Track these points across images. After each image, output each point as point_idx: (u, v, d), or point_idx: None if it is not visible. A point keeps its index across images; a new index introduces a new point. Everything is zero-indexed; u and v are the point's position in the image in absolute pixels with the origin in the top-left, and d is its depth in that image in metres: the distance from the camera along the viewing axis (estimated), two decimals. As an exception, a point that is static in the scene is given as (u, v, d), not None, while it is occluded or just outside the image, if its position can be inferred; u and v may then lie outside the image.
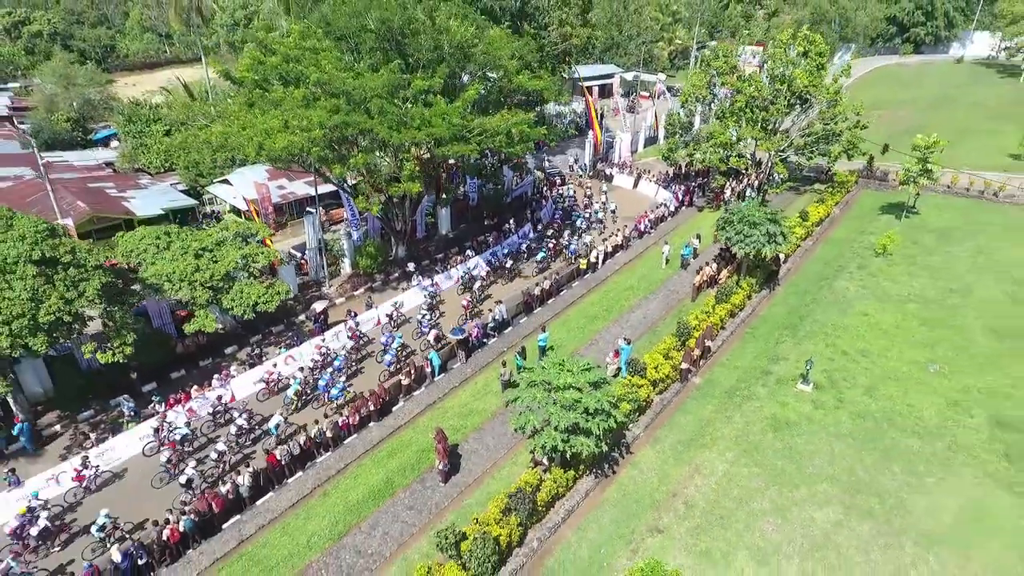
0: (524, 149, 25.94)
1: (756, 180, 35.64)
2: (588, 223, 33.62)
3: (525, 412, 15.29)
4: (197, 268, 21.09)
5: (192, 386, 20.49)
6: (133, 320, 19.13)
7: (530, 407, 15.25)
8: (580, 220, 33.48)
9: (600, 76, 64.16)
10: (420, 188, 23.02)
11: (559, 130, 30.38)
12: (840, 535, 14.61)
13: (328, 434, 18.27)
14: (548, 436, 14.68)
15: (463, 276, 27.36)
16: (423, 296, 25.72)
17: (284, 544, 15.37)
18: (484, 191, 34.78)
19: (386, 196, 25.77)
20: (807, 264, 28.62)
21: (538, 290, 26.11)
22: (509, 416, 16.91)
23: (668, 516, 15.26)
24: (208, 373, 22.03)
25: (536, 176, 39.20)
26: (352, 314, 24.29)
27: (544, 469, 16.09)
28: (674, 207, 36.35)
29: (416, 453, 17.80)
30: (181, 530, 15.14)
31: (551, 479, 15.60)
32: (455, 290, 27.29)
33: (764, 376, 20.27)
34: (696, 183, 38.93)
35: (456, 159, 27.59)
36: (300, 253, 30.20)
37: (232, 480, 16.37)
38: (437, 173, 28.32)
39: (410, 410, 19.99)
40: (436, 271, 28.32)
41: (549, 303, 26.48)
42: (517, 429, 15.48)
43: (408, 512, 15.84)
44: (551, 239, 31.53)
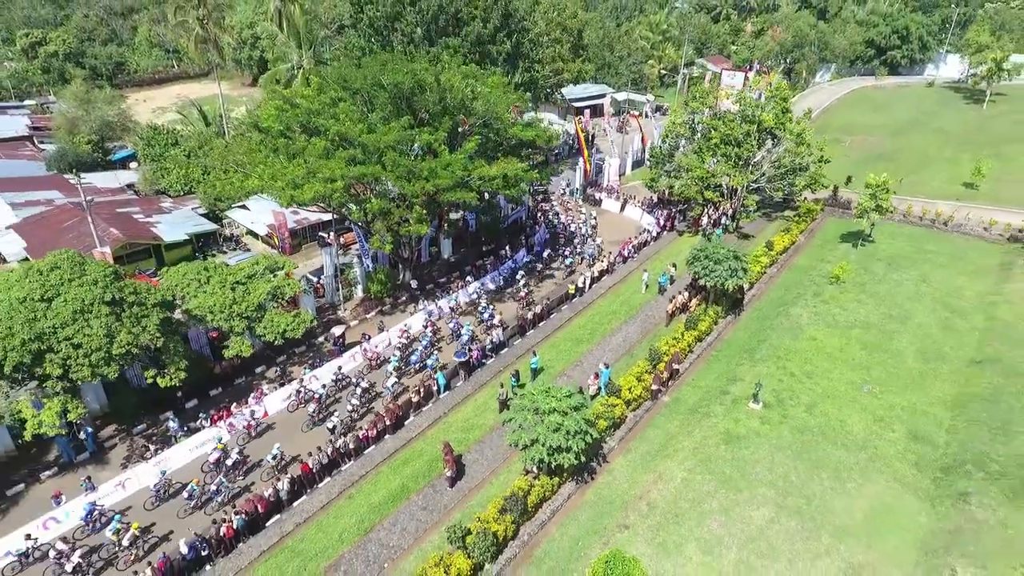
0: (520, 192, 29.33)
1: (731, 209, 39.11)
2: (578, 247, 37.17)
3: (517, 430, 18.66)
4: (234, 300, 24.32)
5: (230, 403, 23.80)
6: (184, 348, 22.39)
7: (522, 426, 18.62)
8: (569, 253, 36.73)
9: (591, 96, 67.55)
10: (427, 229, 26.35)
11: (551, 169, 33.75)
12: (772, 529, 18.07)
13: (351, 446, 21.63)
14: (536, 450, 18.06)
15: (466, 303, 30.81)
16: (427, 320, 29.10)
17: (319, 539, 18.68)
18: (482, 218, 38.12)
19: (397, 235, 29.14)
20: (770, 290, 32.13)
21: (531, 314, 29.52)
22: (505, 432, 20.24)
23: (634, 515, 18.69)
24: (242, 390, 25.36)
25: (529, 203, 42.55)
26: (366, 336, 27.62)
27: (534, 476, 19.45)
28: (656, 232, 39.80)
29: (427, 462, 21.16)
30: (235, 528, 18.46)
31: (539, 485, 18.98)
32: (458, 313, 30.62)
33: (722, 395, 23.73)
34: (677, 208, 42.40)
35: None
36: (316, 278, 33.42)
37: (274, 484, 19.69)
38: (440, 209, 31.62)
39: (420, 424, 23.33)
40: (439, 296, 31.68)
41: (540, 326, 29.83)
42: (511, 443, 18.89)
43: (422, 512, 19.22)
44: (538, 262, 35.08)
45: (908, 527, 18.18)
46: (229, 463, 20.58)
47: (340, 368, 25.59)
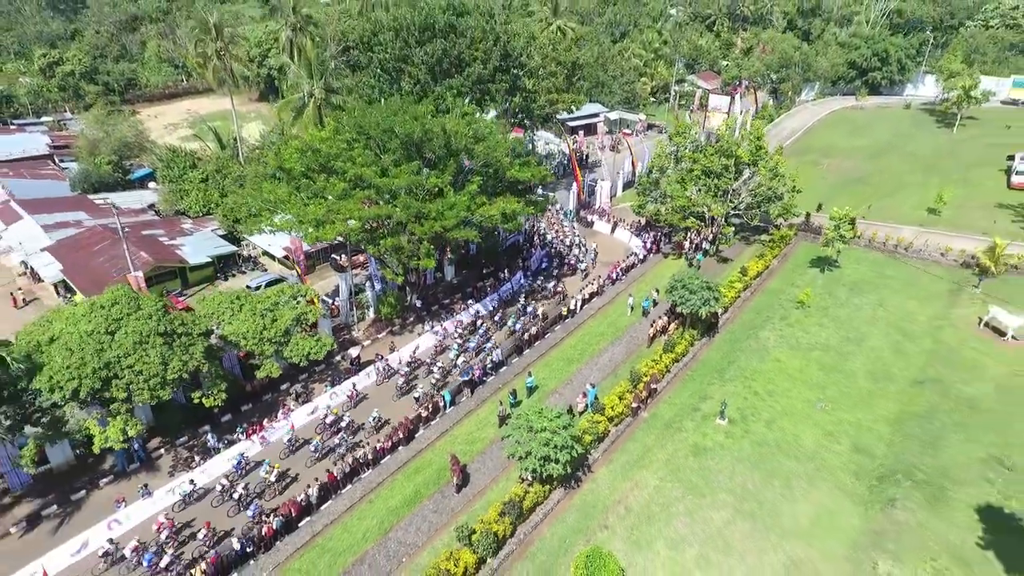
0: (516, 225, 32.66)
1: (711, 234, 42.49)
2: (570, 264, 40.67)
3: (514, 444, 21.96)
4: (263, 327, 27.51)
5: (261, 418, 27.02)
6: (224, 372, 25.58)
7: (518, 441, 21.91)
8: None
9: (585, 116, 70.83)
10: (434, 264, 29.67)
11: (545, 201, 37.15)
12: (728, 529, 21.43)
13: (370, 456, 24.89)
14: (530, 462, 21.37)
15: (468, 325, 34.12)
16: (434, 341, 32.43)
17: (345, 537, 21.94)
18: (482, 244, 41.38)
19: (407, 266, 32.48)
20: (743, 314, 35.52)
21: (527, 335, 32.82)
22: (503, 445, 23.54)
23: (613, 517, 22.03)
24: (270, 406, 28.60)
25: (525, 228, 45.87)
26: (380, 356, 30.89)
27: (528, 484, 22.74)
28: (643, 255, 43.13)
29: (436, 471, 24.44)
30: (274, 528, 21.70)
31: (533, 491, 22.29)
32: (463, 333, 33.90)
33: (693, 412, 27.09)
34: (663, 231, 45.76)
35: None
36: (331, 299, 36.61)
37: (305, 492, 22.93)
38: (446, 242, 34.95)
39: (428, 437, 26.62)
40: (443, 318, 34.94)
41: (536, 345, 33.15)
42: (509, 456, 22.20)
43: (433, 514, 22.51)
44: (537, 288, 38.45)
45: (843, 528, 21.57)
46: (343, 424, 26.52)
47: (381, 365, 30.54)
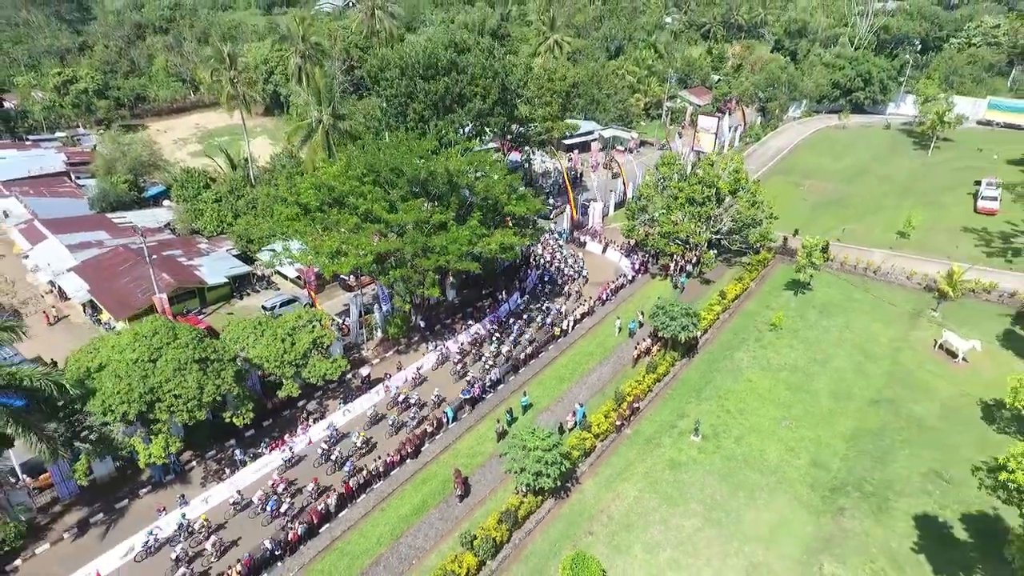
0: (514, 255, 35.70)
1: (694, 257, 45.60)
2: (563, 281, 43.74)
3: (510, 460, 24.96)
4: (284, 350, 30.42)
5: (282, 432, 29.94)
6: (250, 393, 28.47)
7: (514, 458, 24.91)
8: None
9: (580, 134, 73.82)
10: (439, 293, 32.69)
11: (540, 231, 40.21)
12: (697, 536, 24.50)
13: (381, 469, 27.86)
14: (525, 477, 24.38)
15: (468, 345, 37.11)
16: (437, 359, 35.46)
17: (361, 542, 24.90)
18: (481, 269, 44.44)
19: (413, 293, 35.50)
20: (721, 335, 38.61)
21: (522, 355, 35.84)
22: (501, 460, 26.54)
23: (597, 524, 25.07)
24: (289, 421, 31.53)
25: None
26: (388, 376, 33.84)
27: (523, 495, 25.75)
28: (632, 275, 46.17)
29: (440, 483, 27.42)
30: (299, 534, 24.64)
31: (527, 502, 25.30)
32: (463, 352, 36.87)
33: (671, 429, 30.16)
34: (651, 253, 48.82)
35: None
36: (341, 319, 39.50)
37: (325, 502, 25.87)
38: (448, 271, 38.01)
39: (433, 451, 29.59)
40: (446, 337, 37.91)
41: (531, 364, 36.15)
42: (506, 470, 25.22)
43: (439, 521, 25.51)
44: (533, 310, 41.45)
45: (798, 534, 24.68)
46: (412, 401, 31.63)
47: (420, 367, 34.81)
